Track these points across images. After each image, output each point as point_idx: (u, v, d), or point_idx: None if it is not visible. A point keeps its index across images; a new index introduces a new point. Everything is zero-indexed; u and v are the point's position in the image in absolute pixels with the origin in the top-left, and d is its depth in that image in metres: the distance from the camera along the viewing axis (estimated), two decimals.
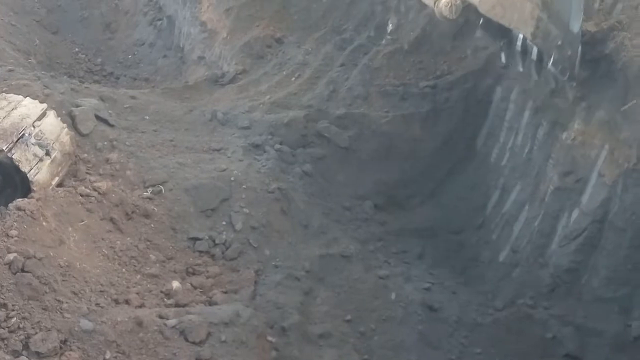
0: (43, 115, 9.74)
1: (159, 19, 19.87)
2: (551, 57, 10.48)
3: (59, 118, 10.03)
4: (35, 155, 9.24)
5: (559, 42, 10.24)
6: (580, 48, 10.32)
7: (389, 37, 14.59)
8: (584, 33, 10.81)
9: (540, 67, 10.90)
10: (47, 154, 9.42)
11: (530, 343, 10.12)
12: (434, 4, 10.39)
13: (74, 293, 7.88)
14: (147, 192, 10.30)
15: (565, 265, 10.71)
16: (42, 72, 13.45)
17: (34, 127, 9.46)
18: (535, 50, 10.77)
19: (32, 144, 9.26)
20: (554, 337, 10.12)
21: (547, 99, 11.27)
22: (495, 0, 10.06)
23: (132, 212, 9.79)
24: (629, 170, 9.85)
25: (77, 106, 11.15)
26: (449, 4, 10.23)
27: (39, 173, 9.22)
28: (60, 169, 9.67)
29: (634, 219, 9.76)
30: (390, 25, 14.76)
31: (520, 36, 10.64)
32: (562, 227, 10.99)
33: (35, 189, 9.03)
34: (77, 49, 19.30)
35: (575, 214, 10.76)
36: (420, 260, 11.52)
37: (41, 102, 10.05)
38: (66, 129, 10.04)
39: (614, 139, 10.18)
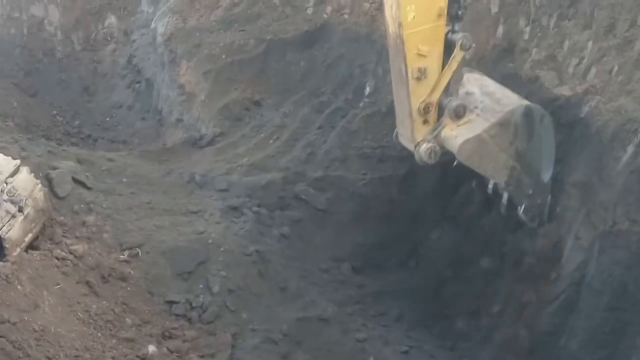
0: (16, 171, 9.69)
1: (137, 82, 19.94)
2: (522, 205, 10.93)
3: (32, 174, 9.97)
4: (7, 212, 9.18)
5: (530, 191, 10.81)
6: (549, 197, 10.87)
7: (366, 99, 14.72)
8: (559, 97, 10.98)
9: (510, 209, 11.26)
10: (20, 210, 9.35)
11: None
12: (414, 149, 10.70)
13: (49, 358, 7.80)
14: (123, 255, 10.25)
15: (543, 327, 10.71)
16: (20, 135, 13.45)
17: (6, 183, 9.41)
18: (506, 195, 11.14)
19: (5, 200, 9.20)
20: None
21: None
22: (473, 149, 10.47)
23: (109, 275, 9.74)
24: (605, 232, 9.91)
25: (55, 169, 11.14)
26: (429, 150, 10.55)
27: (12, 230, 9.15)
28: (33, 225, 9.60)
29: (611, 280, 9.79)
30: (368, 88, 14.89)
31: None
32: (539, 290, 11.01)
33: (7, 246, 8.96)
34: (55, 112, 19.30)
35: (552, 276, 10.79)
36: (399, 323, 11.49)
37: None
38: (40, 185, 9.99)
39: (590, 202, 10.26)
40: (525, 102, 10.64)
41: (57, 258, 9.49)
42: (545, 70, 11.40)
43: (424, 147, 10.53)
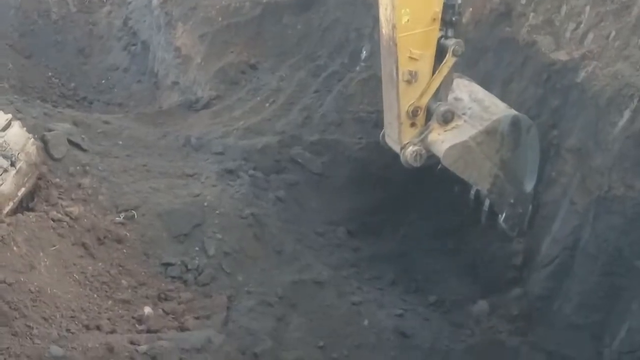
0: (8, 125, 9.64)
1: (133, 44, 19.84)
2: (503, 213, 11.04)
3: (25, 128, 9.93)
4: None
5: (512, 200, 10.93)
6: (530, 207, 11.00)
7: (363, 63, 14.68)
8: (556, 62, 10.95)
9: (491, 216, 11.37)
10: (12, 164, 9.32)
11: None
12: (400, 151, 10.75)
13: (45, 319, 7.80)
14: (119, 217, 10.25)
15: (537, 292, 10.75)
16: (15, 97, 13.36)
17: None
18: (487, 202, 11.24)
19: None
20: None
21: None
22: (458, 155, 10.52)
23: (104, 238, 9.74)
24: (601, 197, 9.92)
25: (50, 130, 11.09)
26: (415, 153, 10.62)
27: (4, 184, 9.12)
28: (26, 179, 9.57)
29: (606, 245, 9.82)
30: (364, 52, 14.84)
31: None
32: (534, 254, 11.04)
33: (0, 200, 8.95)
34: (50, 74, 19.21)
35: (547, 241, 10.82)
36: (393, 287, 11.52)
37: None
38: (32, 140, 9.93)
39: (586, 167, 10.25)
40: (513, 112, 10.76)
41: (52, 220, 9.47)
42: (542, 35, 11.34)
43: (410, 149, 10.62)
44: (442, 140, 10.57)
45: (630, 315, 9.62)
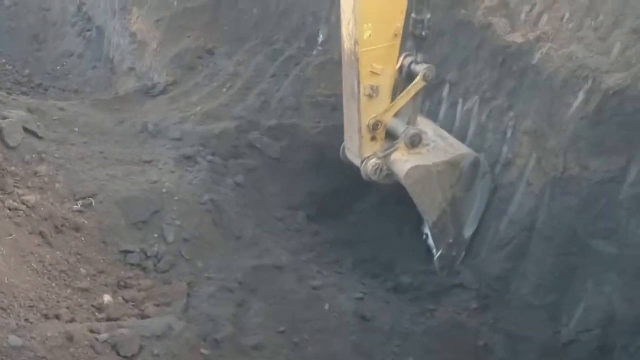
0: None
1: (88, 30, 19.68)
2: (439, 251, 11.12)
3: None
4: None
5: (450, 240, 11.05)
6: (464, 253, 11.16)
7: (319, 47, 14.66)
8: (511, 44, 11.03)
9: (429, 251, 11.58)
10: None
11: (462, 351, 10.22)
12: (361, 164, 10.79)
13: (2, 309, 7.72)
14: (77, 205, 10.17)
15: (495, 273, 10.85)
16: None
17: None
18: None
19: None
20: (485, 345, 10.24)
21: None
22: (419, 176, 10.61)
23: (62, 226, 9.65)
24: (556, 178, 10.02)
25: (4, 118, 10.94)
26: (376, 166, 10.67)
27: None
28: None
29: (561, 226, 9.93)
30: (321, 36, 14.82)
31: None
32: (491, 235, 11.14)
33: None
34: (3, 60, 19.03)
35: (504, 222, 10.92)
36: (353, 271, 11.56)
37: None
38: None
39: (541, 148, 10.35)
40: (476, 154, 10.95)
41: (9, 208, 9.36)
42: (497, 17, 11.40)
43: (372, 162, 10.67)
44: (406, 160, 10.65)
45: (586, 294, 9.75)
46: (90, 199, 10.30)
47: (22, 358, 7.03)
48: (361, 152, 10.68)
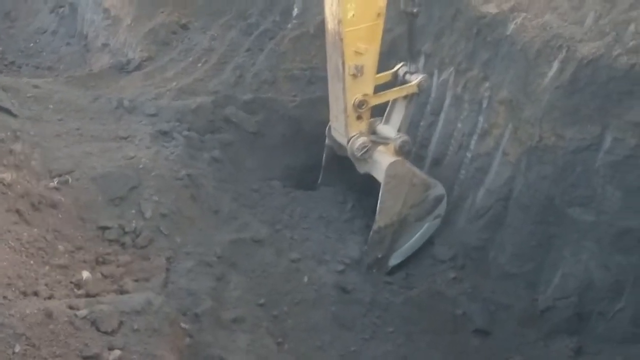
0: None
1: (61, 6, 19.47)
2: (369, 252, 11.17)
3: None
4: None
5: (379, 255, 11.18)
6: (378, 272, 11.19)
7: (294, 21, 14.61)
8: (486, 15, 11.04)
9: None
10: None
11: (441, 320, 10.32)
12: (347, 143, 10.92)
13: None
14: (53, 182, 10.10)
15: (473, 242, 10.93)
16: None
17: None
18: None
19: None
20: (463, 314, 10.34)
21: None
22: (399, 173, 10.84)
23: (39, 203, 9.57)
24: (532, 148, 10.09)
25: None
26: (362, 144, 10.83)
27: None
28: None
29: (537, 195, 10.01)
30: (296, 9, 14.77)
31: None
32: (468, 206, 11.20)
33: None
34: None
35: (481, 192, 10.97)
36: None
37: None
38: None
39: (517, 119, 10.40)
40: (444, 192, 11.32)
41: None
42: None
43: (360, 140, 10.81)
44: (392, 157, 10.94)
45: (562, 262, 9.85)
46: (67, 176, 10.23)
47: (1, 335, 7.01)
48: (347, 130, 10.77)
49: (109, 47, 16.65)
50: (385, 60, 11.51)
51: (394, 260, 11.36)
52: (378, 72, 10.57)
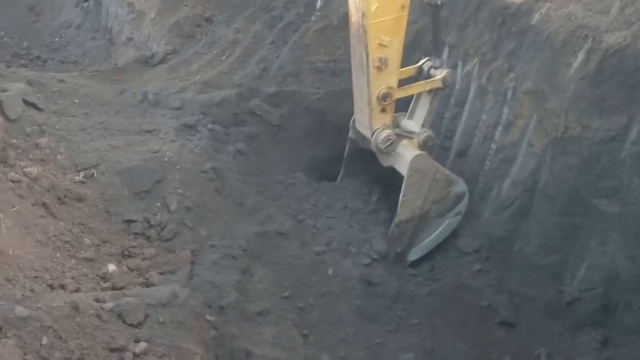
0: None
1: (86, 0, 19.58)
2: (389, 240, 11.14)
3: None
4: None
5: (399, 250, 11.15)
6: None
7: (318, 13, 14.60)
8: (511, 5, 11.00)
9: None
10: None
11: (465, 312, 10.29)
12: (372, 136, 10.90)
13: (8, 280, 7.73)
14: (79, 176, 10.17)
15: (498, 234, 10.89)
16: None
17: None
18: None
19: None
20: (489, 305, 10.30)
21: None
22: (422, 167, 10.79)
23: (65, 197, 9.64)
24: (557, 139, 10.03)
25: (4, 91, 10.91)
26: (387, 137, 10.81)
27: None
28: None
29: (563, 186, 9.95)
30: (319, 1, 14.76)
31: None
32: (494, 197, 11.16)
33: None
34: (1, 33, 18.92)
35: (506, 184, 10.93)
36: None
37: None
38: None
39: (542, 109, 10.35)
40: (466, 190, 11.28)
41: (11, 181, 9.34)
42: None
43: (385, 132, 10.80)
44: (416, 150, 10.90)
45: (588, 253, 9.79)
46: (92, 169, 10.30)
47: (28, 328, 7.05)
48: (372, 123, 10.76)
49: (134, 41, 16.72)
50: (409, 52, 11.51)
51: (412, 256, 11.34)
52: (402, 65, 10.55)
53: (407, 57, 10.94)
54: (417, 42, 12.47)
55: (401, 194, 10.79)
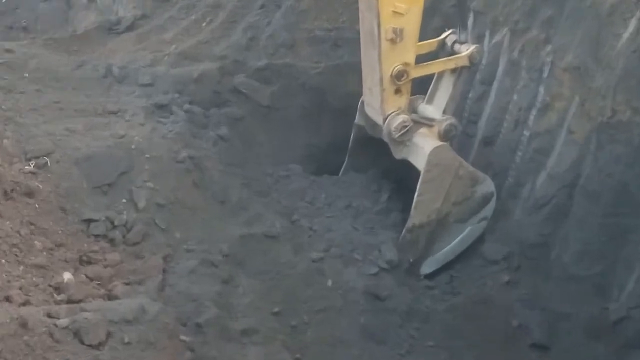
0: None
1: None
2: (400, 245, 11.11)
3: None
4: None
5: (411, 259, 11.12)
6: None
7: None
8: None
9: None
10: None
11: (491, 332, 10.29)
12: (383, 122, 10.83)
13: None
14: (29, 165, 10.16)
15: (531, 239, 10.88)
16: None
17: None
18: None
19: None
20: (519, 325, 10.30)
21: None
22: (444, 160, 10.75)
23: (12, 191, 9.62)
24: (603, 124, 10.00)
25: None
26: (402, 124, 10.74)
27: None
28: None
29: (609, 181, 9.93)
30: None
31: None
32: (526, 194, 11.15)
33: None
34: None
35: (541, 178, 10.92)
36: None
37: None
38: None
39: (585, 89, 10.32)
40: (494, 189, 11.25)
41: None
42: None
43: (401, 117, 10.76)
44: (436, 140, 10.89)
45: (638, 262, 9.78)
46: (45, 158, 10.29)
47: None
48: (384, 107, 10.73)
49: (96, 3, 16.74)
50: (427, 18, 11.48)
51: (426, 269, 11.32)
52: (420, 37, 10.51)
53: (425, 25, 10.91)
54: (437, 5, 12.47)
55: (416, 193, 10.77)
